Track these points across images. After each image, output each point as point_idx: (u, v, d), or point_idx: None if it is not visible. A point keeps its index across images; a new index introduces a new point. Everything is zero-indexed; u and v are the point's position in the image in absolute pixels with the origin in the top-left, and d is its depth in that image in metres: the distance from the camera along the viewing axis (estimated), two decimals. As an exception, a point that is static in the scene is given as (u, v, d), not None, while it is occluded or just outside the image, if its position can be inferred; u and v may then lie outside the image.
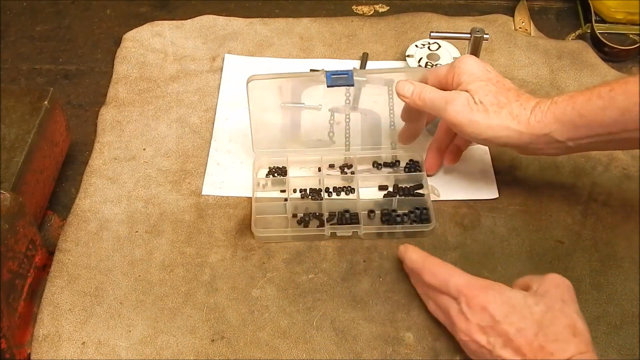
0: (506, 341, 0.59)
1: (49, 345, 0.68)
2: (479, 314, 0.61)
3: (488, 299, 0.61)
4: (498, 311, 0.60)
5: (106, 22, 1.04)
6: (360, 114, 0.90)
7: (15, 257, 0.67)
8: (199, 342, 0.68)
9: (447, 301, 0.65)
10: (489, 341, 0.61)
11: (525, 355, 0.58)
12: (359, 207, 0.77)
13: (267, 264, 0.74)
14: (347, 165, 0.83)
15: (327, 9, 1.06)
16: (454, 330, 0.64)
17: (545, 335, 0.58)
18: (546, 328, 0.59)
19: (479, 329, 0.61)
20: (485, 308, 0.61)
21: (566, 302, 0.61)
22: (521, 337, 0.59)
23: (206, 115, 0.89)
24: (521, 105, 0.70)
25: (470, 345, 0.62)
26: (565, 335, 0.58)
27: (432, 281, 0.66)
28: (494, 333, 0.60)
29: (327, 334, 0.69)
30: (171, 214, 0.79)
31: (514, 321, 0.60)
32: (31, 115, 0.76)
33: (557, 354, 0.57)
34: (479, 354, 0.62)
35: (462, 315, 0.63)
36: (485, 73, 0.72)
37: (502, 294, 0.62)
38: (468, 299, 0.62)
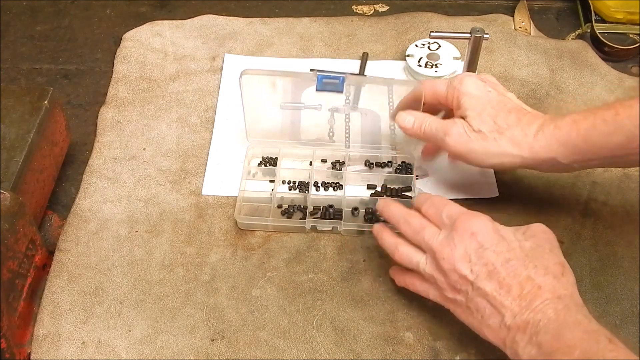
0: (491, 272, 0.58)
1: (49, 345, 0.68)
2: (467, 239, 0.60)
3: (479, 225, 0.60)
4: (487, 238, 0.59)
5: (106, 22, 1.04)
6: (360, 114, 0.90)
7: (15, 257, 0.67)
8: (199, 342, 0.68)
9: (430, 237, 0.62)
10: (472, 270, 0.59)
11: (510, 288, 0.57)
12: (344, 204, 0.77)
13: (267, 263, 0.74)
14: (339, 161, 0.83)
15: (327, 9, 1.06)
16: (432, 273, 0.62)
17: (535, 268, 0.57)
18: (536, 261, 0.58)
19: (464, 255, 0.59)
20: (475, 234, 0.60)
21: (554, 246, 0.61)
22: (508, 268, 0.57)
23: (206, 115, 0.89)
24: (523, 130, 0.68)
25: (451, 277, 0.60)
26: (554, 271, 0.57)
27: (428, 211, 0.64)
28: (480, 262, 0.58)
29: (327, 334, 0.69)
30: (171, 213, 0.79)
31: (502, 251, 0.58)
32: (31, 115, 0.76)
33: (545, 289, 0.56)
34: (457, 293, 0.60)
35: (448, 241, 0.60)
36: (486, 94, 0.71)
37: (494, 224, 0.61)
38: (458, 223, 0.61)
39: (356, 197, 0.78)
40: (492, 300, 0.58)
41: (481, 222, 0.61)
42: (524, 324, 0.56)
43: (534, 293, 0.56)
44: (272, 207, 0.77)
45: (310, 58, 0.96)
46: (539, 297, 0.56)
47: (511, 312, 0.57)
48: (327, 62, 0.96)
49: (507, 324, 0.57)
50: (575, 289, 0.58)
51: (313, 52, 0.98)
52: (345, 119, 0.89)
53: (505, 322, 0.57)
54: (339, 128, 0.88)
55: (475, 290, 0.58)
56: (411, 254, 0.64)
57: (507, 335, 0.57)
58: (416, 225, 0.64)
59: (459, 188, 0.81)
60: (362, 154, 0.83)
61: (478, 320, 0.59)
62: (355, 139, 0.87)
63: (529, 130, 0.68)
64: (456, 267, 0.59)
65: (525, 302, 0.56)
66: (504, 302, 0.57)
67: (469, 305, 0.60)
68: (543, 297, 0.56)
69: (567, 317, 0.55)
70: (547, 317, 0.55)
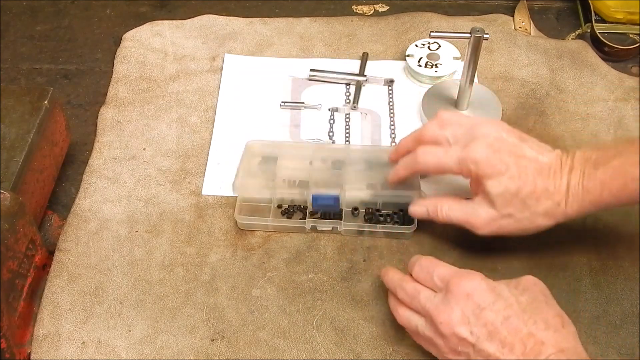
0: (491, 332, 0.57)
1: (49, 345, 0.68)
2: (463, 301, 0.58)
3: (473, 286, 0.59)
4: (483, 298, 0.58)
5: (106, 22, 1.04)
6: (360, 114, 0.90)
7: (15, 257, 0.67)
8: (199, 341, 0.68)
9: (425, 301, 0.61)
10: (472, 332, 0.57)
11: (513, 347, 0.56)
12: (344, 204, 0.76)
13: (267, 263, 0.74)
14: (339, 161, 0.82)
15: (327, 9, 1.06)
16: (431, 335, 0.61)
17: (535, 323, 0.56)
18: (535, 316, 0.57)
19: (462, 318, 0.58)
20: (470, 295, 0.58)
21: (548, 297, 0.60)
22: (508, 326, 0.56)
23: (206, 115, 0.89)
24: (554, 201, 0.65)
25: (451, 341, 0.59)
26: (554, 325, 0.57)
27: (419, 275, 0.63)
28: (479, 322, 0.57)
29: (327, 334, 0.69)
30: (171, 213, 0.79)
31: (500, 309, 0.57)
32: (31, 115, 0.76)
33: (548, 344, 0.55)
34: (459, 355, 0.59)
35: (445, 304, 0.59)
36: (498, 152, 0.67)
37: (488, 282, 0.60)
38: (451, 285, 0.59)
39: (356, 196, 0.78)
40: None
41: (475, 282, 0.60)
42: None
43: (538, 349, 0.55)
44: (272, 207, 0.77)
45: (310, 58, 0.96)
46: (542, 353, 0.55)
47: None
48: (327, 62, 0.96)
49: None
50: (577, 340, 0.57)
51: (313, 52, 0.98)
52: (345, 119, 0.89)
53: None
54: (339, 128, 0.88)
55: (477, 352, 0.57)
56: (410, 317, 0.64)
57: None
58: (411, 291, 0.63)
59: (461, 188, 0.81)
60: (362, 154, 0.83)
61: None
62: (355, 139, 0.87)
63: (558, 197, 0.65)
64: (455, 330, 0.58)
65: (529, 359, 0.56)
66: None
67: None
68: (547, 352, 0.55)
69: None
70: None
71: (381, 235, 0.76)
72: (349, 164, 0.81)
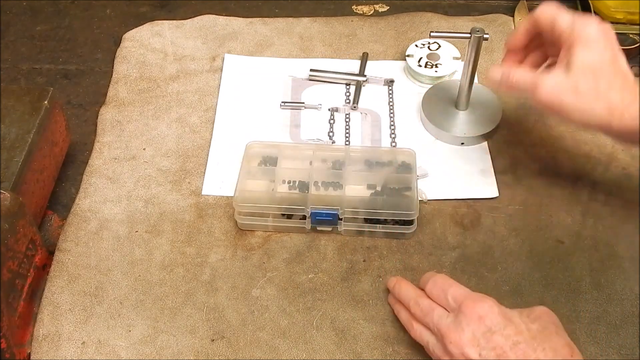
0: (500, 355, 0.57)
1: (49, 345, 0.68)
2: (475, 323, 0.59)
3: (485, 309, 0.59)
4: (495, 322, 0.59)
5: (106, 22, 1.04)
6: (360, 114, 0.90)
7: (15, 257, 0.67)
8: (199, 342, 0.68)
9: (438, 320, 0.62)
10: (480, 354, 0.58)
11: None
12: (344, 204, 0.76)
13: (267, 264, 0.75)
14: (339, 161, 0.82)
15: (327, 9, 1.06)
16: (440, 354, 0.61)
17: (544, 350, 0.57)
18: (545, 344, 0.57)
19: (471, 339, 0.59)
20: (482, 318, 0.59)
21: (558, 328, 0.60)
22: (517, 352, 0.57)
23: (206, 115, 0.89)
24: (621, 96, 0.65)
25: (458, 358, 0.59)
26: (564, 354, 0.57)
27: (432, 292, 0.64)
28: (488, 346, 0.58)
29: (327, 334, 0.69)
30: (171, 213, 0.79)
31: (511, 334, 0.58)
32: (31, 115, 0.76)
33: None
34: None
35: (456, 325, 0.60)
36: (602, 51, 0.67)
37: (500, 307, 0.60)
38: (464, 307, 0.60)
39: (356, 196, 0.78)
40: None
41: (487, 305, 0.60)
42: None
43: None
44: (272, 208, 0.77)
45: (310, 58, 0.97)
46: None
47: None
48: (327, 62, 0.96)
49: None
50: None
51: (313, 52, 0.98)
52: (345, 119, 0.89)
53: None
54: (339, 128, 0.88)
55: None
56: (423, 333, 0.64)
57: None
58: (425, 308, 0.64)
59: (459, 187, 0.81)
60: (362, 154, 0.83)
61: None
62: (355, 139, 0.87)
63: (626, 96, 0.65)
64: (464, 351, 0.59)
65: None
66: None
67: None
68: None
69: None
70: None
71: (381, 235, 0.76)
72: (349, 164, 0.81)
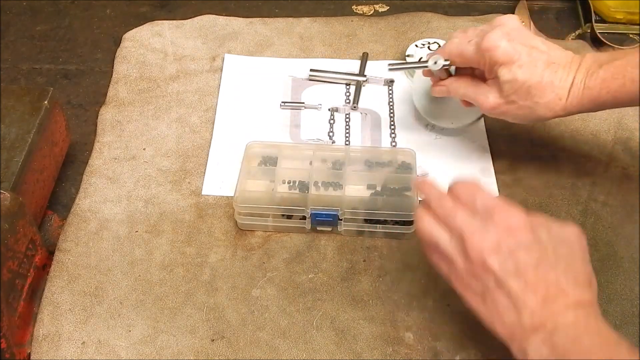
0: (520, 271, 0.56)
1: (49, 345, 0.68)
2: (503, 233, 0.57)
3: (517, 221, 0.58)
4: (524, 238, 0.57)
5: (106, 22, 1.04)
6: (360, 114, 0.90)
7: (15, 257, 0.67)
8: (199, 342, 0.68)
9: (462, 222, 0.59)
10: (500, 265, 0.56)
11: (536, 290, 0.55)
12: (344, 204, 0.76)
13: (267, 264, 0.75)
14: (339, 161, 0.82)
15: (327, 9, 1.06)
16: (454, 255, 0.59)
17: (565, 274, 0.56)
18: (567, 267, 0.56)
19: (495, 248, 0.57)
20: (512, 230, 0.57)
21: (585, 255, 0.59)
22: (538, 270, 0.56)
23: (206, 115, 0.89)
24: (556, 94, 0.70)
25: (476, 267, 0.58)
26: (583, 281, 0.56)
27: (461, 193, 0.62)
28: (511, 258, 0.56)
29: (327, 334, 0.69)
30: (171, 213, 0.79)
31: (535, 252, 0.57)
32: (31, 115, 0.76)
33: (570, 295, 0.55)
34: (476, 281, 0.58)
35: (482, 230, 0.58)
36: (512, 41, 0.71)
37: (530, 221, 0.59)
38: (496, 214, 0.58)
39: (356, 196, 0.78)
40: (515, 298, 0.56)
41: (520, 219, 0.59)
42: (540, 324, 0.55)
43: (559, 298, 0.55)
44: (272, 208, 0.77)
45: (310, 58, 0.97)
46: (561, 302, 0.55)
47: (531, 312, 0.55)
48: (327, 62, 0.96)
49: (522, 322, 0.56)
50: (596, 302, 0.57)
51: (313, 52, 0.98)
52: (345, 119, 0.89)
53: (522, 320, 0.56)
54: (339, 128, 0.88)
55: (498, 285, 0.57)
56: (435, 229, 0.62)
57: (520, 332, 0.56)
58: (449, 208, 0.62)
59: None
60: (362, 154, 0.83)
61: (490, 311, 0.58)
62: (355, 139, 0.87)
63: (561, 92, 0.70)
64: (485, 257, 0.57)
65: (548, 304, 0.55)
66: (527, 301, 0.56)
67: (485, 295, 0.58)
68: (566, 302, 0.55)
69: (588, 323, 0.54)
70: (567, 320, 0.54)
71: (381, 235, 0.76)
72: (349, 164, 0.81)
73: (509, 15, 0.74)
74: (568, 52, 0.72)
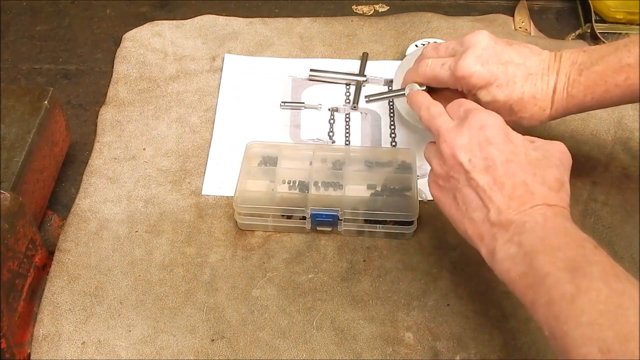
0: (489, 167, 0.58)
1: (49, 345, 0.68)
2: (475, 131, 0.60)
3: (490, 120, 0.60)
4: (495, 135, 0.59)
5: (106, 22, 1.04)
6: (360, 114, 0.90)
7: (15, 257, 0.67)
8: (199, 342, 0.68)
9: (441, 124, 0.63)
10: (470, 160, 0.59)
11: (503, 187, 0.57)
12: (344, 204, 0.76)
13: (267, 264, 0.74)
14: (339, 161, 0.82)
15: (327, 9, 1.06)
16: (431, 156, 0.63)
17: (533, 175, 0.57)
18: (536, 170, 0.58)
19: (467, 144, 0.59)
20: (484, 127, 0.59)
21: (563, 164, 0.60)
22: (507, 168, 0.57)
23: (206, 115, 0.89)
24: (539, 107, 0.69)
25: (448, 163, 0.60)
26: (551, 184, 0.57)
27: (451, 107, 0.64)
28: (481, 154, 0.59)
29: (327, 334, 0.69)
30: (171, 214, 0.79)
31: (506, 151, 0.58)
32: (31, 115, 0.76)
33: (537, 196, 0.56)
34: (449, 180, 0.61)
35: (456, 128, 0.61)
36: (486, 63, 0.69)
37: (505, 126, 0.61)
38: (470, 114, 0.61)
39: (356, 196, 0.78)
40: (482, 193, 0.58)
41: (493, 118, 0.61)
42: (508, 222, 0.56)
43: (526, 197, 0.57)
44: (272, 208, 0.77)
45: (310, 58, 0.97)
46: (529, 202, 0.56)
47: (498, 208, 0.57)
48: (327, 62, 0.96)
49: (490, 219, 0.57)
50: (567, 206, 0.58)
51: (313, 52, 0.98)
52: (345, 119, 0.89)
53: (489, 218, 0.57)
54: (339, 128, 0.88)
55: (467, 181, 0.59)
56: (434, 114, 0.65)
57: (488, 230, 0.57)
58: (434, 113, 0.65)
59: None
60: (362, 154, 0.83)
61: (461, 212, 0.60)
62: (355, 139, 0.87)
63: (543, 104, 0.69)
64: (455, 152, 0.60)
65: (515, 203, 0.57)
66: (494, 197, 0.57)
67: (456, 194, 0.60)
68: (534, 202, 0.56)
69: (555, 222, 0.55)
70: (534, 220, 0.55)
71: (381, 235, 0.76)
72: (349, 164, 0.81)
73: (478, 34, 0.71)
74: (543, 53, 0.70)
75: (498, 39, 0.71)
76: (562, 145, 0.62)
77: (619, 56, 0.66)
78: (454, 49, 0.72)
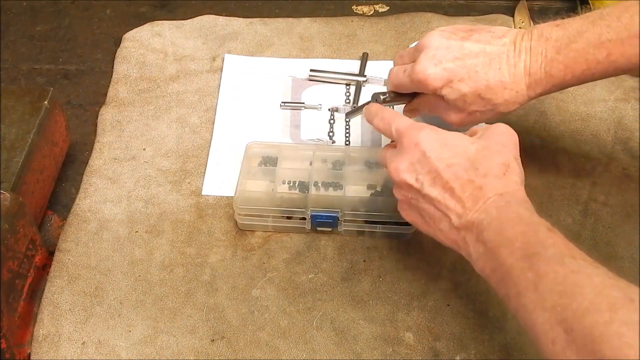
0: (435, 178, 0.59)
1: (49, 345, 0.68)
2: (411, 151, 0.61)
3: (421, 136, 0.61)
4: (429, 147, 0.60)
5: (106, 22, 1.04)
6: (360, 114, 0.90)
7: (15, 257, 0.67)
8: (199, 342, 0.68)
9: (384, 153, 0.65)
10: (417, 179, 0.61)
11: (453, 192, 0.58)
12: (344, 204, 0.76)
13: (267, 264, 0.74)
14: (339, 161, 0.82)
15: (327, 9, 1.06)
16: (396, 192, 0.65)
17: (475, 170, 0.58)
18: (478, 164, 0.59)
19: (408, 165, 0.61)
20: (418, 144, 0.61)
21: (506, 145, 0.61)
22: (450, 172, 0.59)
23: (206, 115, 0.89)
24: (511, 89, 0.67)
25: (402, 189, 0.63)
26: (496, 172, 0.58)
27: (379, 126, 0.67)
28: (423, 170, 0.60)
29: (327, 334, 0.69)
30: (171, 214, 0.79)
31: (445, 157, 0.60)
32: (31, 115, 0.76)
33: (486, 189, 0.57)
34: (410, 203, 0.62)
35: (396, 154, 0.63)
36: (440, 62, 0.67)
37: (438, 133, 0.62)
38: (403, 137, 0.62)
39: (356, 197, 0.78)
40: (438, 204, 0.60)
41: (424, 133, 0.62)
42: (469, 223, 0.58)
43: (476, 195, 0.58)
44: (272, 208, 0.77)
45: (310, 58, 0.97)
46: (481, 197, 0.58)
47: (456, 213, 0.59)
48: (327, 62, 0.96)
49: (454, 225, 0.59)
50: (519, 186, 0.59)
51: (313, 53, 0.98)
52: (346, 119, 0.89)
53: (453, 224, 0.59)
54: (339, 128, 0.88)
55: (423, 198, 0.61)
56: None
57: (457, 236, 0.59)
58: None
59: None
60: (362, 154, 0.83)
61: (432, 226, 0.62)
62: (355, 139, 0.87)
63: (516, 86, 0.67)
64: (402, 177, 0.62)
65: (468, 203, 0.58)
66: (449, 204, 0.59)
67: (421, 212, 0.62)
68: (485, 196, 0.57)
69: (509, 212, 0.56)
70: (490, 215, 0.56)
71: (381, 235, 0.76)
72: (349, 165, 0.81)
73: (429, 35, 0.69)
74: (507, 35, 0.67)
75: (456, 30, 0.69)
76: (504, 126, 0.63)
77: (598, 32, 0.64)
78: (414, 53, 0.71)
